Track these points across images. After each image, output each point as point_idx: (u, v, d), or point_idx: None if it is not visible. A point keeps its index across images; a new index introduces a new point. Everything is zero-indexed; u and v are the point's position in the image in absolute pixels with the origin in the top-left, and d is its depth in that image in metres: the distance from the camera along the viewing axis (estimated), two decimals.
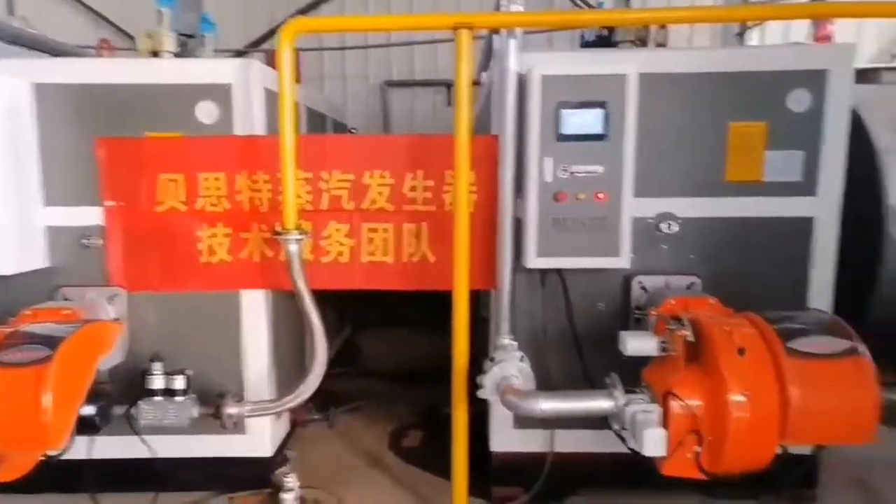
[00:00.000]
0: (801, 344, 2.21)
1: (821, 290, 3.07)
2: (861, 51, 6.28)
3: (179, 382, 3.02)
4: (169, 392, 3.00)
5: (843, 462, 3.39)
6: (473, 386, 2.79)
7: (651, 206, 3.02)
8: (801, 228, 3.03)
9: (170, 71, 3.13)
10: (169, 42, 3.24)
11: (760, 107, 2.95)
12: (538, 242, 2.78)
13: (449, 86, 6.96)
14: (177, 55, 3.26)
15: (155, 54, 3.23)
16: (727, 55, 2.96)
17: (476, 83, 3.33)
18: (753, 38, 6.01)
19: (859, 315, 4.27)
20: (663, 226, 3.01)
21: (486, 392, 2.67)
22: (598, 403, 2.41)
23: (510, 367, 2.68)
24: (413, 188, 3.09)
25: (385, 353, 5.54)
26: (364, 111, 7.15)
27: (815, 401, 2.13)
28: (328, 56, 7.12)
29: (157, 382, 3.00)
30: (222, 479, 3.33)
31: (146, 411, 2.97)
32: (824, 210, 3.02)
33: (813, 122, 2.95)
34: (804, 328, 2.28)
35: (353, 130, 5.75)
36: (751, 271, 3.05)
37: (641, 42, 3.32)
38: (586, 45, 3.58)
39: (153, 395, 2.99)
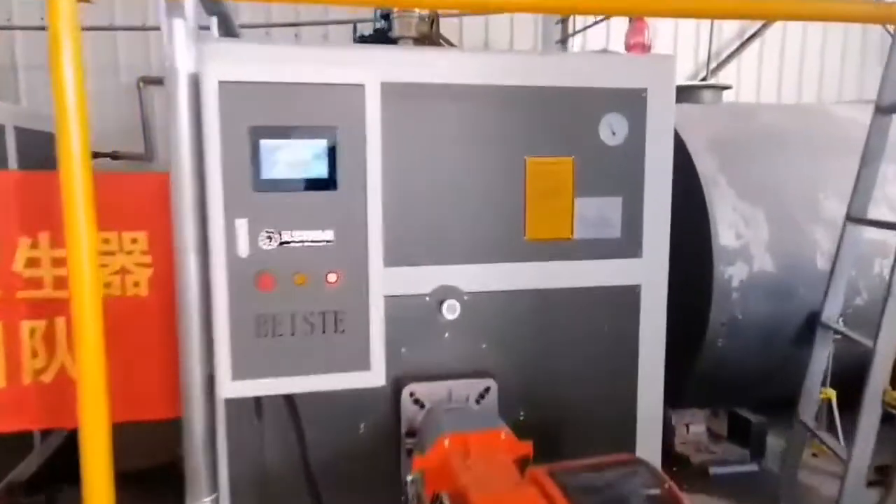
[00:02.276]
0: None
1: (651, 373, 2.31)
2: (678, 66, 6.08)
3: None
4: None
5: None
6: None
7: (421, 279, 2.07)
8: (626, 300, 2.25)
9: None
10: None
11: (566, 136, 2.13)
12: (232, 357, 1.68)
13: None
14: None
15: None
16: (518, 63, 2.08)
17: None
18: (577, 43, 5.43)
19: (690, 361, 3.75)
20: (445, 307, 2.08)
21: None
22: None
23: None
24: (33, 262, 1.86)
25: None
26: (116, 120, 5.48)
27: None
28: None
29: None
30: None
31: None
32: (653, 273, 2.26)
33: (631, 157, 2.18)
34: None
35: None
36: (561, 363, 2.21)
37: (428, 41, 2.40)
38: (361, 40, 2.59)
39: None
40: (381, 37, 2.65)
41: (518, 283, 2.15)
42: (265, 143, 1.63)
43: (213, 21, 2.12)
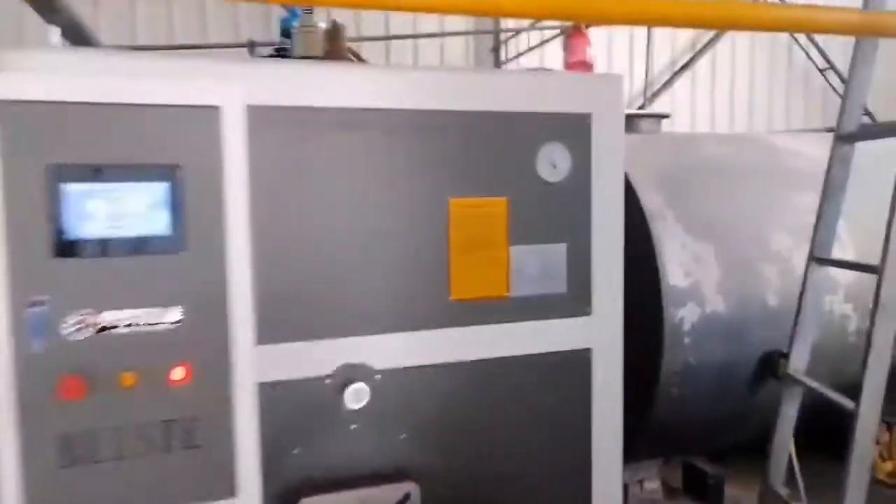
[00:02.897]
0: None
1: (608, 455, 1.90)
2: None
3: None
4: None
5: None
6: None
7: (317, 357, 1.59)
8: (575, 367, 1.85)
9: None
10: None
11: (497, 172, 1.73)
12: (26, 501, 1.16)
13: None
14: None
15: None
16: (435, 82, 1.67)
17: None
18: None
19: (643, 413, 3.41)
20: (351, 391, 1.61)
21: None
22: None
23: None
24: None
25: None
26: None
27: None
28: None
29: None
30: None
31: None
32: (606, 333, 1.87)
33: (576, 194, 1.81)
34: None
35: None
36: (500, 453, 1.77)
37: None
38: None
39: None
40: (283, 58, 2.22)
41: (443, 354, 1.71)
42: (70, 189, 1.14)
43: (53, 31, 1.64)
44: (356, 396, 1.61)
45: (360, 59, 1.99)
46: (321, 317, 1.60)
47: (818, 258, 2.44)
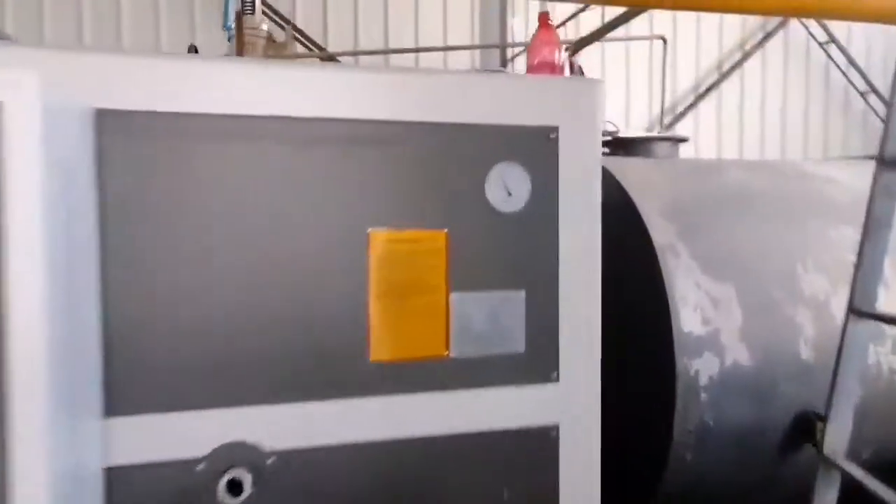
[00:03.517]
0: None
1: None
2: (630, 117, 5.56)
3: None
4: None
5: None
6: None
7: (187, 434, 1.22)
8: (536, 449, 1.44)
9: None
10: None
11: (434, 198, 1.37)
12: None
13: None
14: None
15: None
16: (351, 83, 1.32)
17: None
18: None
19: (651, 482, 2.96)
20: (228, 480, 1.24)
21: None
22: None
23: None
24: None
25: None
26: None
27: None
28: None
29: None
30: None
31: None
32: (576, 405, 1.46)
33: (537, 228, 1.42)
34: None
35: None
36: None
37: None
38: None
39: None
40: None
41: (359, 431, 1.32)
42: None
43: None
44: (235, 488, 1.23)
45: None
46: (193, 379, 1.24)
47: (859, 311, 1.99)
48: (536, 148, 1.41)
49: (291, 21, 4.77)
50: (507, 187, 1.39)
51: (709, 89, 5.64)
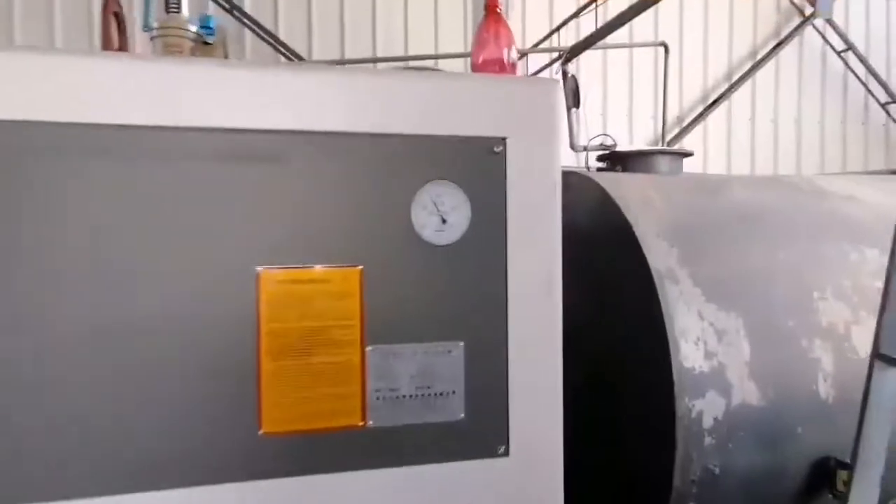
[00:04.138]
0: None
1: None
2: (633, 131, 5.26)
3: None
4: None
5: None
6: None
7: None
8: None
9: None
10: None
11: (344, 227, 1.09)
12: None
13: None
14: None
15: None
16: (233, 82, 1.04)
17: None
18: None
19: None
20: None
21: None
22: None
23: None
24: None
25: None
26: None
27: None
28: None
29: None
30: None
31: None
32: (534, 486, 1.17)
33: (479, 264, 1.14)
34: None
35: None
36: None
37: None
38: None
39: None
40: None
41: None
42: None
43: None
44: None
45: None
46: (24, 464, 0.96)
47: (887, 357, 1.68)
48: (478, 164, 1.13)
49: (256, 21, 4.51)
50: (441, 213, 1.11)
51: (718, 100, 5.35)
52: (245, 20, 4.64)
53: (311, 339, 1.06)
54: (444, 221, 1.12)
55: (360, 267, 1.08)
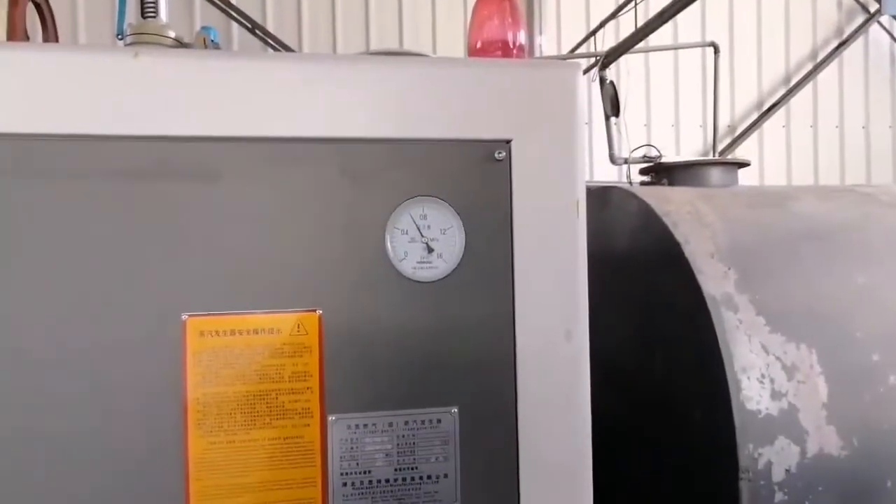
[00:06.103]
0: None
1: None
2: (680, 141, 4.91)
3: None
4: None
5: None
6: None
7: None
8: None
9: None
10: None
11: (298, 258, 0.84)
12: None
13: None
14: None
15: None
16: (165, 73, 0.81)
17: None
18: None
19: None
20: None
21: None
22: None
23: None
24: None
25: None
26: None
27: None
28: None
29: None
30: None
31: None
32: None
33: (476, 307, 0.88)
34: None
35: None
36: None
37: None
38: None
39: None
40: None
41: None
42: None
43: None
44: None
45: None
46: None
47: None
48: (473, 175, 0.87)
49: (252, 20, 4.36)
50: (425, 239, 0.85)
51: (774, 105, 4.94)
52: (231, 12, 4.51)
53: (252, 409, 0.81)
54: (429, 250, 0.86)
55: (319, 311, 0.83)
